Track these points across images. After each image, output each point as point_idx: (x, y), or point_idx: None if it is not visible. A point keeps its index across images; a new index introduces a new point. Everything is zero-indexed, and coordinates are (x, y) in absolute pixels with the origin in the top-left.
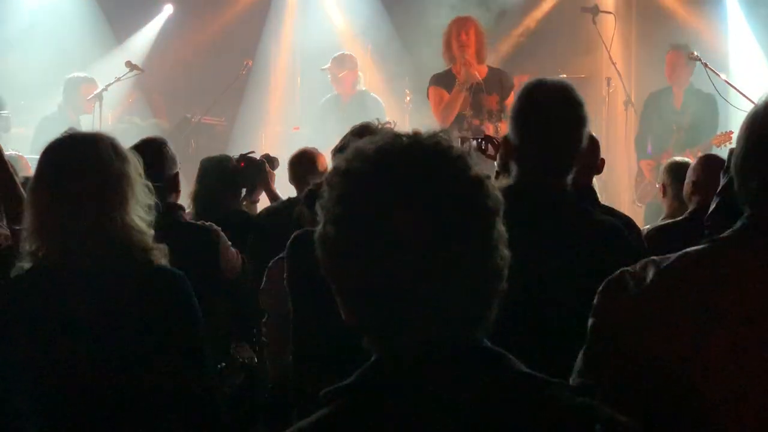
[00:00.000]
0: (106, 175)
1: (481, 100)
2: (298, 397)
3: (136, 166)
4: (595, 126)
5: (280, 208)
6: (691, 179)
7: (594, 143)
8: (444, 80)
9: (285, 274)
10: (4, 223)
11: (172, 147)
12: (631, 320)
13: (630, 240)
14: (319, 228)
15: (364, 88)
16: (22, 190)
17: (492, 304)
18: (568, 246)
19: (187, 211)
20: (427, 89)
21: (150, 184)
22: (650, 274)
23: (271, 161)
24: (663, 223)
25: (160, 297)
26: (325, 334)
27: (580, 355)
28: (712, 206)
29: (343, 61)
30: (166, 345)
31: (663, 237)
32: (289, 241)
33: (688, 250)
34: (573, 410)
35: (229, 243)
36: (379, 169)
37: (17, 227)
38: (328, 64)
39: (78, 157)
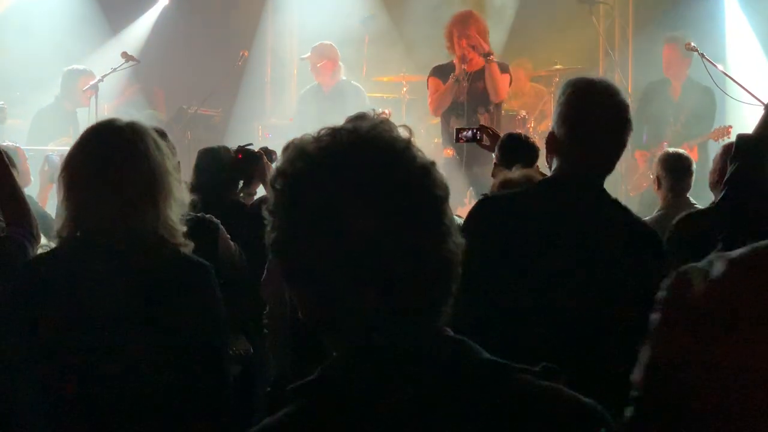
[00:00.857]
0: (148, 167)
1: (478, 88)
2: None
3: (173, 162)
4: None
5: None
6: (717, 167)
7: None
8: (444, 71)
9: None
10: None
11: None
12: (699, 315)
13: (662, 244)
14: (269, 232)
15: (344, 78)
16: (22, 190)
17: (450, 291)
18: (601, 241)
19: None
20: (427, 79)
21: (185, 181)
22: (719, 267)
23: (268, 153)
24: (691, 211)
25: (187, 287)
26: None
27: (644, 350)
28: (720, 195)
29: (322, 51)
30: (190, 336)
31: (691, 225)
32: None
33: (757, 243)
34: (538, 394)
35: (228, 236)
36: (322, 167)
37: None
38: (308, 54)
39: (123, 145)
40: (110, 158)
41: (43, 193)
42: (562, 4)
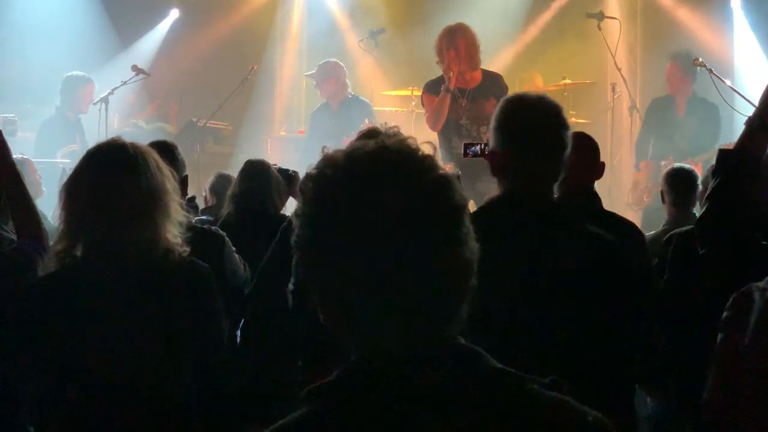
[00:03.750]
0: (147, 186)
1: (479, 106)
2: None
3: (173, 183)
4: (600, 131)
5: None
6: (705, 185)
7: (594, 147)
8: (436, 87)
9: (292, 281)
10: (10, 228)
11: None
12: (760, 333)
13: (622, 255)
14: (296, 232)
15: (351, 94)
16: (34, 203)
17: (463, 299)
18: (557, 258)
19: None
20: (421, 96)
21: (183, 202)
22: None
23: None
24: (687, 228)
25: (187, 287)
26: (338, 341)
27: (711, 372)
28: (702, 210)
29: (325, 69)
30: (191, 338)
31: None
32: None
33: None
34: (547, 405)
35: (233, 249)
36: (347, 172)
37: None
38: (313, 71)
39: (125, 165)
40: (110, 175)
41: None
42: (571, 19)
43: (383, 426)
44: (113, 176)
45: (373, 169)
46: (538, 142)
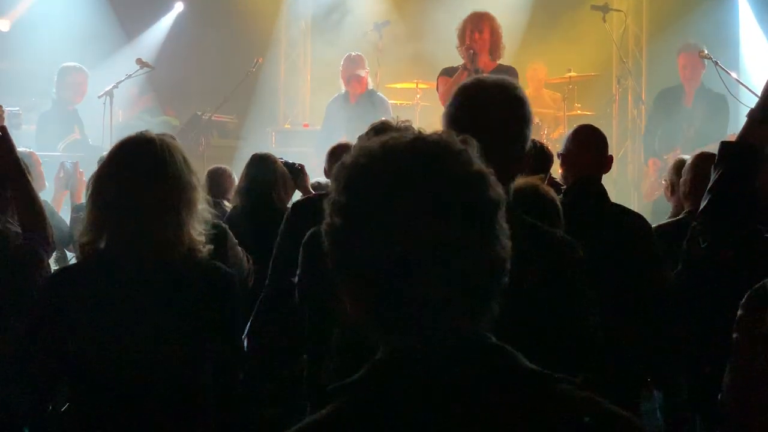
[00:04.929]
0: (174, 181)
1: None
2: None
3: (200, 180)
4: (606, 124)
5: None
6: (688, 177)
7: (602, 141)
8: (453, 72)
9: (298, 273)
10: (16, 222)
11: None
12: None
13: (574, 254)
14: (326, 220)
15: (371, 88)
16: (39, 198)
17: (494, 296)
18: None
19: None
20: (437, 79)
21: (210, 199)
22: None
23: (290, 166)
24: (664, 222)
25: (210, 291)
26: (341, 334)
27: (727, 370)
28: (703, 203)
29: (359, 62)
30: (210, 341)
31: (662, 236)
32: (304, 240)
33: None
34: (578, 404)
35: (236, 242)
36: (382, 161)
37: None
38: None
39: (152, 160)
40: (137, 170)
41: (57, 199)
42: (576, 12)
43: (412, 423)
44: (139, 170)
45: (409, 160)
46: (489, 134)
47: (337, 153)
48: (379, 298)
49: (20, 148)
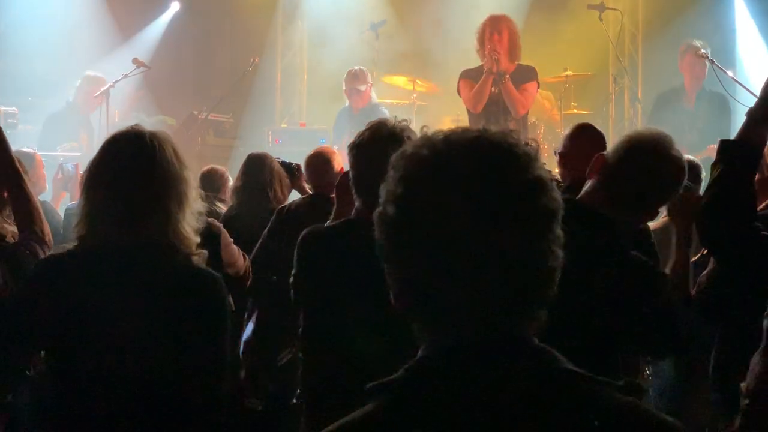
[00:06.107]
0: (162, 174)
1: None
2: (309, 395)
3: (192, 173)
4: (602, 123)
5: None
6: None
7: (601, 140)
8: (474, 75)
9: (293, 272)
10: (11, 220)
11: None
12: None
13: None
14: (379, 208)
15: (375, 102)
16: (35, 197)
17: (542, 303)
18: None
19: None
20: (458, 83)
21: (203, 192)
22: None
23: (287, 166)
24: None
25: (195, 297)
26: (336, 332)
27: (758, 359)
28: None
29: (360, 76)
30: (192, 345)
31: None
32: (299, 239)
33: None
34: (620, 409)
35: (231, 240)
36: (443, 155)
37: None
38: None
39: (141, 153)
40: (125, 163)
41: (55, 200)
42: (572, 11)
43: (453, 423)
44: (127, 162)
45: (470, 159)
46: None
47: (312, 162)
48: (421, 296)
49: (24, 149)
